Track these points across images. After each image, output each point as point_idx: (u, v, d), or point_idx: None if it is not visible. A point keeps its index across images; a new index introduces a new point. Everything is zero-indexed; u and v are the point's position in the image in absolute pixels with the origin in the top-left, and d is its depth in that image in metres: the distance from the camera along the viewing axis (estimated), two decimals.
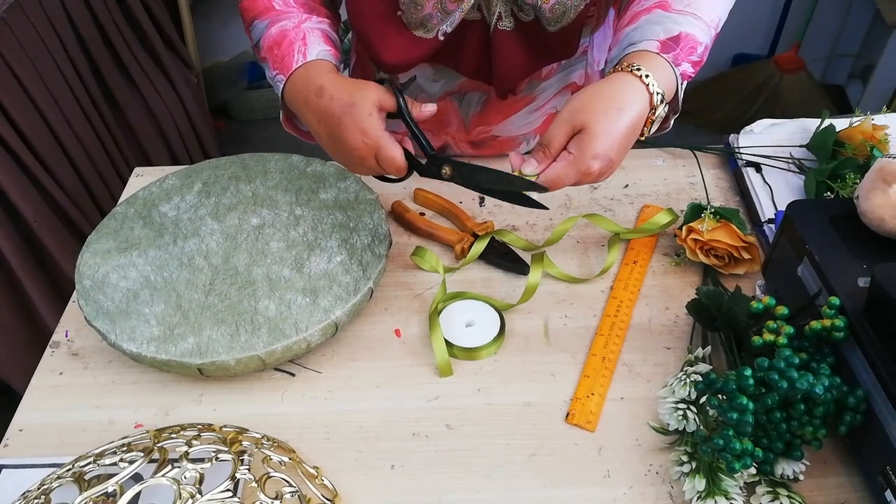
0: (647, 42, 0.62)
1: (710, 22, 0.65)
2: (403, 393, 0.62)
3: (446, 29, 0.74)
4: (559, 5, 0.72)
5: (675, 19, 0.63)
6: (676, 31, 0.62)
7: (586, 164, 0.56)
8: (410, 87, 0.83)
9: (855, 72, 2.45)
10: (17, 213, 1.24)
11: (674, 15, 0.63)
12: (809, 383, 0.49)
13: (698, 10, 0.64)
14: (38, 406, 0.62)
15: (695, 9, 0.64)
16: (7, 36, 1.25)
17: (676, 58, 0.62)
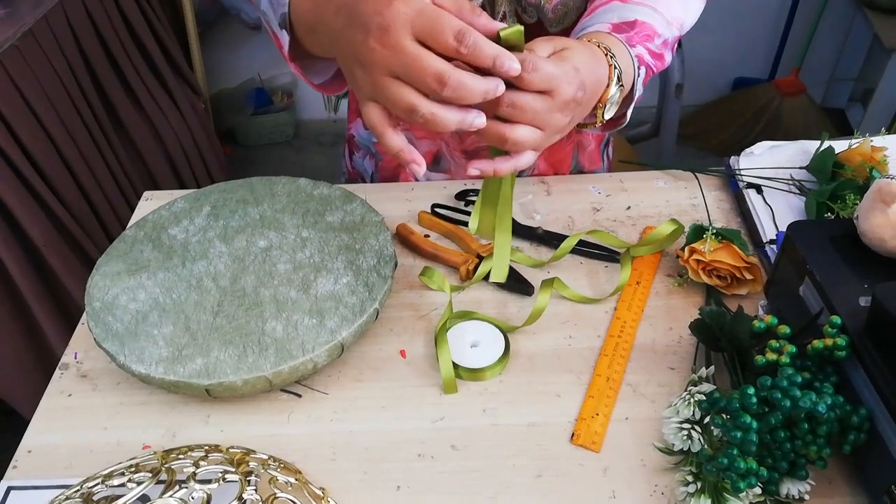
0: (600, 25, 0.61)
1: (671, 19, 0.63)
2: (409, 414, 0.62)
3: None
4: (562, 6, 0.74)
5: (631, 8, 0.62)
6: (632, 18, 0.61)
7: (569, 70, 0.51)
8: None
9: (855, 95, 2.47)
10: (26, 236, 1.26)
11: (630, 5, 0.62)
12: (812, 402, 0.49)
13: (656, 4, 0.63)
14: (47, 428, 0.63)
15: (653, 2, 0.63)
16: (19, 63, 1.28)
17: (630, 39, 0.60)
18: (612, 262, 0.75)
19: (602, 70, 0.56)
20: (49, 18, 1.39)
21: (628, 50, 0.59)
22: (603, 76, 0.56)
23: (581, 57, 0.53)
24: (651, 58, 0.62)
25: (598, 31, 0.61)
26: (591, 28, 0.62)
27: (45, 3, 1.40)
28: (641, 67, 0.61)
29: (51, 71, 1.38)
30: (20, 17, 1.35)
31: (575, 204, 0.83)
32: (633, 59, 0.60)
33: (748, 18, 2.34)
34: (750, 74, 2.48)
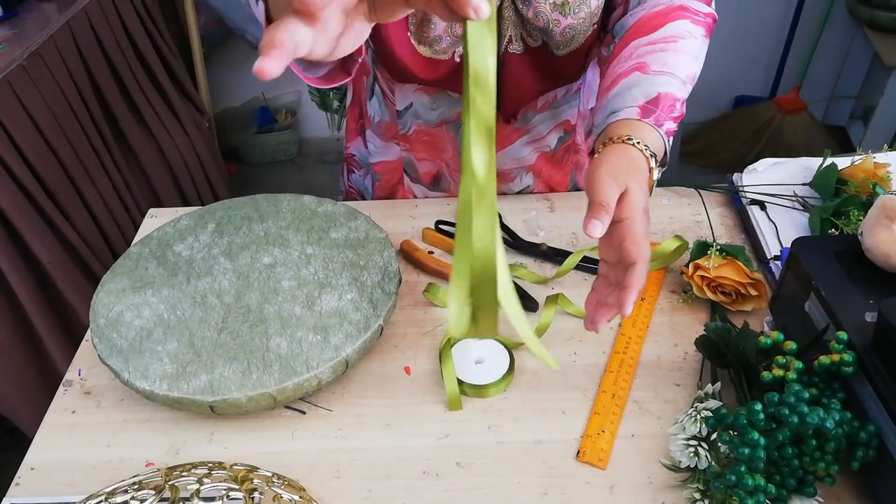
0: (629, 109, 0.63)
1: (686, 78, 0.67)
2: (413, 431, 0.62)
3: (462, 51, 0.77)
4: (570, 29, 0.75)
5: (653, 80, 0.65)
6: (655, 93, 0.64)
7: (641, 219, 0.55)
8: (406, 114, 0.85)
9: (856, 112, 2.48)
10: (31, 253, 1.26)
11: (651, 76, 0.65)
12: (820, 418, 0.49)
13: (675, 70, 0.66)
14: (51, 445, 0.62)
15: (671, 68, 0.66)
16: (26, 82, 1.29)
17: (658, 119, 0.63)
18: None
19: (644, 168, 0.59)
20: (56, 39, 1.40)
21: (658, 130, 0.62)
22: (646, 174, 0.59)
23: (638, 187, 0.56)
24: (674, 123, 0.65)
25: (627, 119, 0.63)
26: (623, 115, 0.64)
27: (51, 24, 1.42)
28: (670, 138, 0.64)
29: (57, 90, 1.39)
30: (27, 38, 1.36)
31: (578, 220, 0.83)
32: (664, 136, 0.63)
33: (749, 37, 2.35)
34: (751, 92, 2.49)
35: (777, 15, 2.31)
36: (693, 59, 0.68)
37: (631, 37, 0.70)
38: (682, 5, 0.70)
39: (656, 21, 0.69)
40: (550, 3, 0.73)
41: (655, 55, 0.67)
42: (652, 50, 0.67)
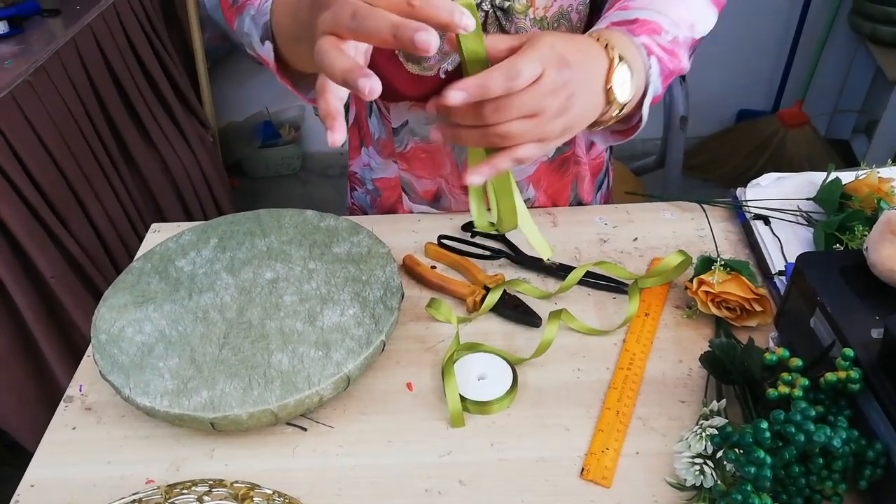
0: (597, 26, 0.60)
1: (678, 20, 0.62)
2: (416, 448, 0.61)
3: (447, 67, 0.77)
4: None
5: (631, 12, 0.61)
6: (632, 17, 0.59)
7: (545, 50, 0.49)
8: (403, 131, 0.86)
9: (859, 126, 2.48)
10: (34, 268, 1.26)
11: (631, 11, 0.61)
12: (827, 436, 0.48)
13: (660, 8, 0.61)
14: (51, 461, 0.62)
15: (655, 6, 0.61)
16: (31, 98, 1.30)
17: (633, 30, 0.58)
18: (619, 294, 0.75)
19: (588, 46, 0.53)
20: (61, 54, 1.41)
21: (631, 39, 0.57)
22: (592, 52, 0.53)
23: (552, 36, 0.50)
24: (661, 51, 0.59)
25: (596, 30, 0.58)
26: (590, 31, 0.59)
27: (57, 40, 1.43)
28: (651, 57, 0.58)
29: (62, 105, 1.40)
30: (33, 54, 1.37)
31: (582, 235, 0.83)
32: (640, 47, 0.57)
33: (751, 51, 2.36)
34: (754, 107, 2.49)
35: (779, 29, 2.32)
36: (687, 8, 0.63)
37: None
38: None
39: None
40: (531, 18, 0.74)
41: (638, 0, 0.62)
42: None
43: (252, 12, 0.60)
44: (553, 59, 0.49)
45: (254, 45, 0.61)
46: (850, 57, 2.35)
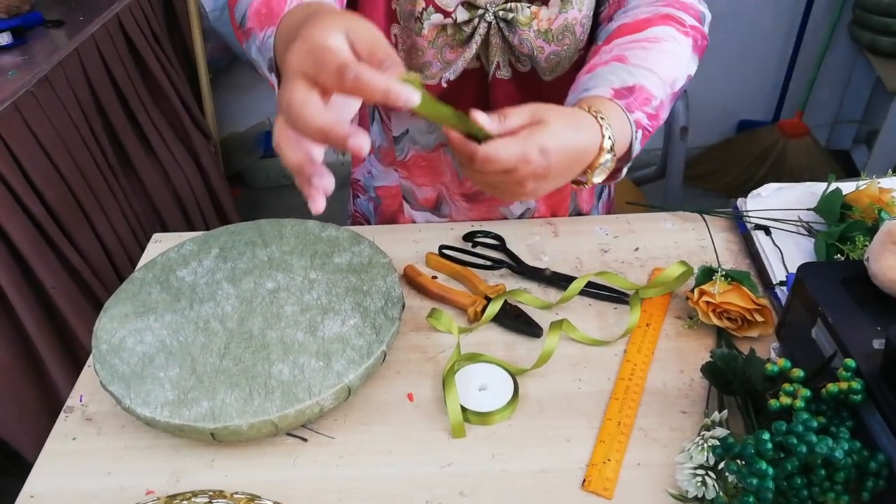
0: (602, 89, 0.63)
1: (666, 79, 0.66)
2: (416, 459, 0.61)
3: (449, 76, 0.78)
4: (554, 56, 0.76)
5: (631, 71, 0.65)
6: (631, 83, 0.63)
7: (532, 150, 0.53)
8: (403, 139, 0.86)
9: (860, 137, 2.49)
10: (35, 278, 1.26)
11: (630, 67, 0.65)
12: (829, 447, 0.48)
13: (654, 66, 0.65)
14: (51, 472, 0.62)
15: (651, 64, 0.65)
16: (34, 108, 1.31)
17: (629, 105, 0.62)
18: (621, 304, 0.75)
19: (587, 138, 0.57)
20: (64, 65, 1.42)
21: (627, 116, 0.62)
22: (589, 145, 0.58)
23: (557, 131, 0.55)
24: (648, 120, 0.64)
25: (599, 95, 0.63)
26: (594, 91, 0.63)
27: (60, 51, 1.44)
28: (639, 131, 0.63)
29: (65, 115, 1.41)
30: (36, 64, 1.38)
31: (582, 245, 0.83)
32: (632, 125, 0.62)
33: (751, 62, 2.37)
34: (754, 117, 2.50)
35: (779, 40, 2.33)
36: (676, 63, 0.68)
37: (613, 37, 0.70)
38: (667, 14, 0.70)
39: (640, 25, 0.69)
40: (534, 30, 0.74)
41: (636, 51, 0.67)
42: (633, 46, 0.67)
43: (257, 43, 0.61)
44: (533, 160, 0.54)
45: (263, 71, 0.63)
46: (850, 67, 2.36)
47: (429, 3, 0.72)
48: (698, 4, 0.73)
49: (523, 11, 0.73)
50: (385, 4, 0.75)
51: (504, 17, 0.74)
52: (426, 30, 0.74)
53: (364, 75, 0.43)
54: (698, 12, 0.72)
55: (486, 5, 0.74)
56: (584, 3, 0.74)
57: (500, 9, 0.74)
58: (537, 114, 0.56)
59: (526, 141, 0.54)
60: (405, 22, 0.75)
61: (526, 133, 0.54)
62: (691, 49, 0.70)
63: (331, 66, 0.43)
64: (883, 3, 1.99)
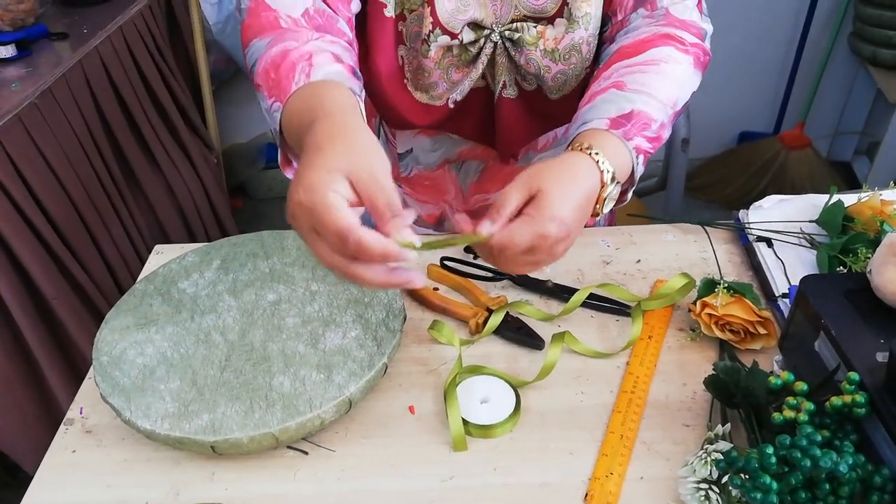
0: (598, 120, 0.64)
1: (666, 101, 0.66)
2: (418, 472, 0.61)
3: (456, 97, 0.78)
4: (561, 74, 0.76)
5: (629, 97, 0.65)
6: (628, 109, 0.64)
7: (544, 225, 0.55)
8: (407, 157, 0.86)
9: (861, 148, 2.49)
10: (37, 290, 1.26)
11: (627, 94, 0.65)
12: (833, 461, 0.48)
13: (652, 90, 0.66)
14: (50, 485, 0.62)
15: (649, 88, 0.66)
16: (37, 120, 1.31)
17: (627, 133, 0.63)
18: (623, 316, 0.74)
19: (588, 182, 0.58)
20: (68, 77, 1.43)
21: (625, 144, 0.62)
22: (592, 188, 0.59)
23: (559, 194, 0.56)
24: (648, 143, 0.64)
25: (595, 129, 0.63)
26: (590, 125, 0.64)
27: (64, 63, 1.44)
28: (639, 156, 0.64)
29: (68, 127, 1.41)
30: (40, 76, 1.38)
31: (584, 257, 0.83)
32: (631, 151, 0.63)
33: (752, 74, 2.38)
34: (755, 129, 2.50)
35: (780, 52, 2.33)
36: (675, 84, 0.68)
37: (613, 61, 0.70)
38: (667, 33, 0.70)
39: (639, 47, 0.70)
40: (541, 49, 0.74)
41: (634, 76, 0.67)
42: (631, 71, 0.68)
43: (264, 105, 0.60)
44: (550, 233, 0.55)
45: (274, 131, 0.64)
46: (851, 79, 2.36)
47: (435, 24, 0.72)
48: (700, 22, 0.73)
49: (529, 31, 0.73)
50: (392, 26, 0.75)
51: (510, 38, 0.74)
52: (433, 51, 0.74)
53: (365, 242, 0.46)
54: (700, 30, 0.73)
55: (493, 25, 0.74)
56: (590, 23, 0.74)
57: (506, 29, 0.74)
58: (532, 185, 0.56)
59: (535, 220, 0.55)
60: (411, 43, 0.75)
61: (532, 211, 0.56)
62: (692, 66, 0.70)
63: (332, 230, 0.46)
64: (884, 16, 2.00)
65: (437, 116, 0.79)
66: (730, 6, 2.21)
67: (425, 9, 0.71)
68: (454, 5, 0.72)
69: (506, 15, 0.74)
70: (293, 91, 0.56)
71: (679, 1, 0.72)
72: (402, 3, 0.73)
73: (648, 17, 0.72)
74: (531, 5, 0.73)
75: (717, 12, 0.89)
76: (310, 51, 0.58)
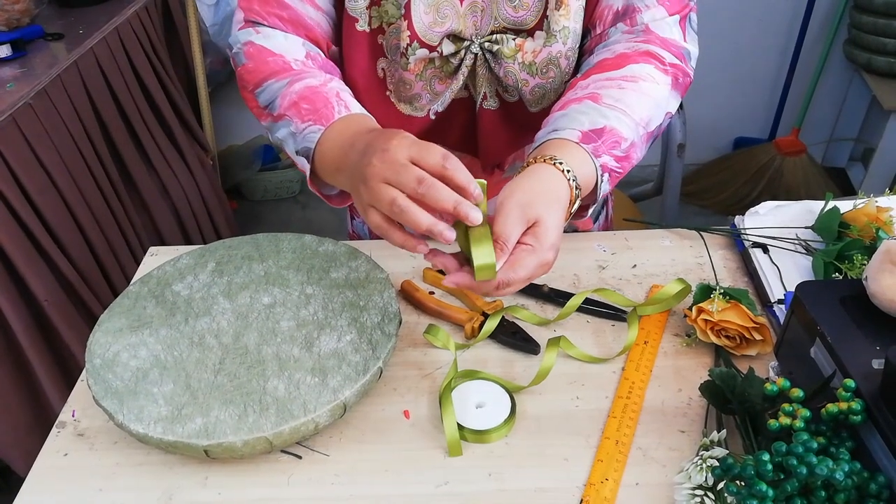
0: (570, 131, 0.64)
1: (640, 120, 0.66)
2: (412, 478, 0.60)
3: (438, 108, 0.78)
4: (539, 88, 0.76)
5: (603, 112, 0.65)
6: (601, 125, 0.64)
7: (545, 254, 0.57)
8: None
9: (855, 155, 2.50)
10: (29, 292, 1.25)
11: (602, 108, 0.65)
12: (829, 469, 0.48)
13: (627, 108, 0.66)
14: (42, 489, 0.61)
15: (624, 105, 0.66)
16: (32, 120, 1.31)
17: (597, 150, 0.63)
18: (618, 321, 0.74)
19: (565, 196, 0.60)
20: (63, 78, 1.42)
21: (593, 161, 0.63)
22: (566, 206, 0.60)
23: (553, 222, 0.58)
24: (616, 162, 0.65)
25: (565, 139, 0.63)
26: (561, 133, 0.64)
27: (59, 63, 1.44)
28: (605, 174, 0.64)
29: (63, 128, 1.40)
30: (35, 77, 1.38)
31: (580, 262, 0.83)
32: (598, 168, 0.63)
33: (748, 79, 2.38)
34: (750, 134, 2.51)
35: (776, 58, 2.34)
36: (651, 103, 0.68)
37: (592, 71, 0.70)
38: (647, 51, 0.70)
39: (619, 61, 0.69)
40: (519, 62, 0.74)
41: (611, 90, 0.67)
42: (609, 85, 0.67)
43: (292, 129, 0.67)
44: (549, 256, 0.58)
45: (286, 149, 0.70)
46: (846, 86, 2.37)
47: (413, 38, 0.72)
48: (682, 42, 0.72)
49: (508, 44, 0.73)
50: (370, 39, 0.75)
51: (489, 49, 0.74)
52: (412, 64, 0.74)
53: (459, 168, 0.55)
54: (681, 49, 0.72)
55: (472, 37, 0.74)
56: (568, 37, 0.73)
57: (485, 40, 0.74)
58: (528, 214, 0.57)
59: (536, 251, 0.57)
60: (392, 56, 0.75)
61: (532, 242, 0.57)
62: (670, 87, 0.70)
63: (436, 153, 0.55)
64: (879, 23, 2.01)
65: (419, 127, 0.79)
66: (725, 12, 2.22)
67: (403, 22, 0.71)
68: (431, 18, 0.72)
69: (485, 27, 0.74)
70: (337, 118, 0.64)
71: (660, 18, 0.71)
72: (380, 17, 0.73)
73: (628, 33, 0.72)
74: (511, 17, 0.73)
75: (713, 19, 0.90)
76: (337, 89, 0.68)
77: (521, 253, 0.57)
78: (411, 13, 0.71)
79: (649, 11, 0.71)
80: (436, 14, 0.72)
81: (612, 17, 0.73)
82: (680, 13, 0.72)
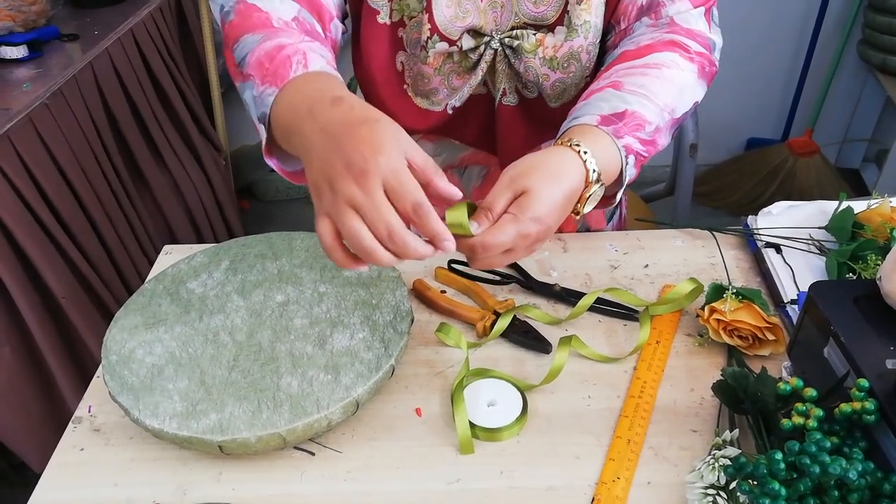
0: (589, 116, 0.63)
1: (664, 105, 0.66)
2: (424, 475, 0.61)
3: (455, 103, 0.78)
4: (559, 83, 0.76)
5: (624, 98, 0.64)
6: (622, 108, 0.63)
7: (526, 225, 0.56)
8: None
9: (869, 155, 2.48)
10: (47, 289, 1.27)
11: (623, 94, 0.65)
12: (842, 468, 0.47)
13: (650, 93, 0.65)
14: (58, 484, 0.62)
15: (647, 91, 0.65)
16: (48, 120, 1.32)
17: (618, 131, 0.62)
18: (630, 321, 0.74)
19: (572, 180, 0.58)
20: (78, 78, 1.44)
21: (615, 142, 0.62)
22: (575, 186, 0.58)
23: (542, 194, 0.56)
24: (641, 145, 0.63)
25: (585, 124, 0.62)
26: (581, 120, 0.63)
27: (75, 64, 1.45)
28: (630, 156, 0.63)
29: (78, 128, 1.42)
30: (51, 77, 1.39)
31: (592, 261, 0.83)
32: (621, 150, 0.62)
33: (761, 80, 2.37)
34: (763, 135, 2.50)
35: (789, 58, 2.33)
36: (676, 90, 0.67)
37: (615, 63, 0.70)
38: (672, 40, 0.70)
39: (642, 51, 0.69)
40: (540, 57, 0.74)
41: (633, 77, 0.66)
42: (631, 72, 0.67)
43: (253, 92, 0.61)
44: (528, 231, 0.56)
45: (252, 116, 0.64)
46: (860, 87, 2.36)
47: (433, 31, 0.72)
48: (708, 33, 0.72)
49: (528, 39, 0.73)
50: (391, 32, 0.75)
51: (510, 45, 0.74)
52: (431, 57, 0.74)
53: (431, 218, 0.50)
54: (706, 39, 0.72)
55: (492, 32, 0.74)
56: (590, 31, 0.74)
57: (505, 36, 0.74)
58: (517, 184, 0.57)
59: (518, 220, 0.56)
60: (411, 49, 0.75)
61: (515, 211, 0.56)
62: (696, 75, 0.70)
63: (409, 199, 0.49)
64: (894, 23, 2.00)
65: (435, 122, 0.80)
66: (738, 12, 2.21)
67: (424, 15, 0.71)
68: (453, 12, 0.72)
69: (506, 22, 0.74)
70: (291, 77, 0.57)
71: (685, 10, 0.71)
72: (401, 10, 0.73)
73: (653, 26, 0.72)
74: (531, 13, 0.73)
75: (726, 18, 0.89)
76: (304, 49, 0.60)
77: (500, 220, 0.56)
78: (433, 6, 0.71)
79: (674, 5, 0.71)
80: (457, 8, 0.72)
81: (637, 11, 0.73)
82: (704, 5, 0.72)
